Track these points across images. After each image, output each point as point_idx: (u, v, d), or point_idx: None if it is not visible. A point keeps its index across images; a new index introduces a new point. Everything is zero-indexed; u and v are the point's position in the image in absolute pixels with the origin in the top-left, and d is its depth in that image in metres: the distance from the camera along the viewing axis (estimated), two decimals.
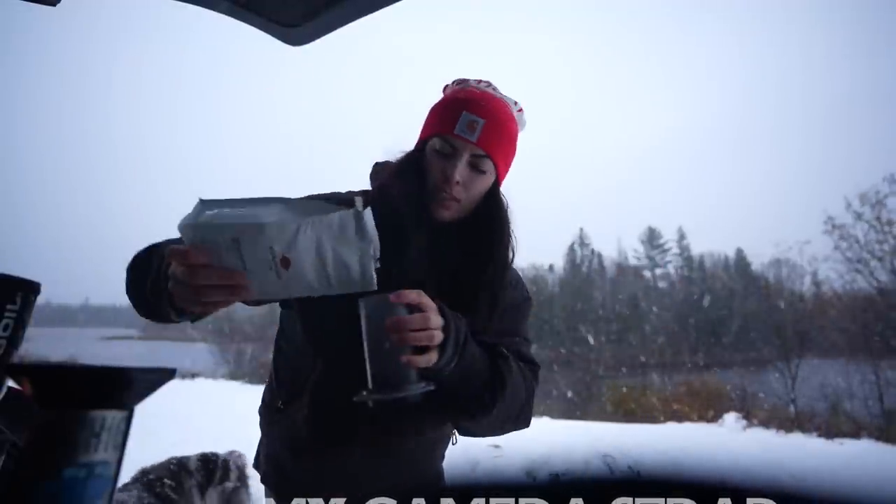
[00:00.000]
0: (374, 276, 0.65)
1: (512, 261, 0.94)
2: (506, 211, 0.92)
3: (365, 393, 0.70)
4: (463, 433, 0.94)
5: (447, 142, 0.86)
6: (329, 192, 0.95)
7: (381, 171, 0.95)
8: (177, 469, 1.67)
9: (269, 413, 0.96)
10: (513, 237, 0.93)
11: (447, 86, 0.96)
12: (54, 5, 1.00)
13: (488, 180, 0.89)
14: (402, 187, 0.87)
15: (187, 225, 0.61)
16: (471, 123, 0.85)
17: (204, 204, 0.63)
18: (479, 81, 0.93)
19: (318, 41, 1.16)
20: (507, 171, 0.93)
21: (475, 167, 0.86)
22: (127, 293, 0.80)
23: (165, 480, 1.81)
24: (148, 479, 1.74)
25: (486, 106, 0.87)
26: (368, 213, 0.63)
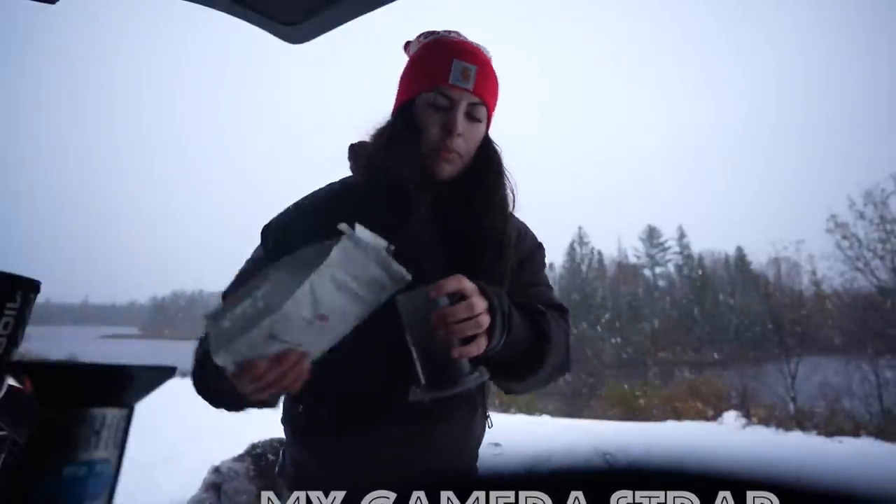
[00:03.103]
0: (401, 268, 0.64)
1: (513, 207, 0.90)
2: (500, 156, 0.88)
3: (419, 390, 0.68)
4: (508, 392, 0.92)
5: (442, 93, 0.81)
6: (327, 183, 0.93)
7: (361, 150, 0.90)
8: (278, 445, 2.06)
9: (291, 416, 0.91)
10: (510, 181, 0.89)
11: (409, 43, 0.91)
12: (53, 3, 1.00)
13: (483, 128, 0.86)
14: (397, 152, 0.82)
15: (223, 353, 0.60)
16: (464, 71, 0.81)
17: (216, 320, 0.62)
18: (450, 32, 0.89)
19: (318, 39, 1.16)
20: (492, 116, 0.89)
21: (472, 116, 0.82)
22: (199, 391, 0.80)
23: (269, 455, 2.20)
24: (256, 452, 2.08)
25: (473, 52, 0.84)
26: (358, 228, 0.62)
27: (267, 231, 0.87)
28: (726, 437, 6.44)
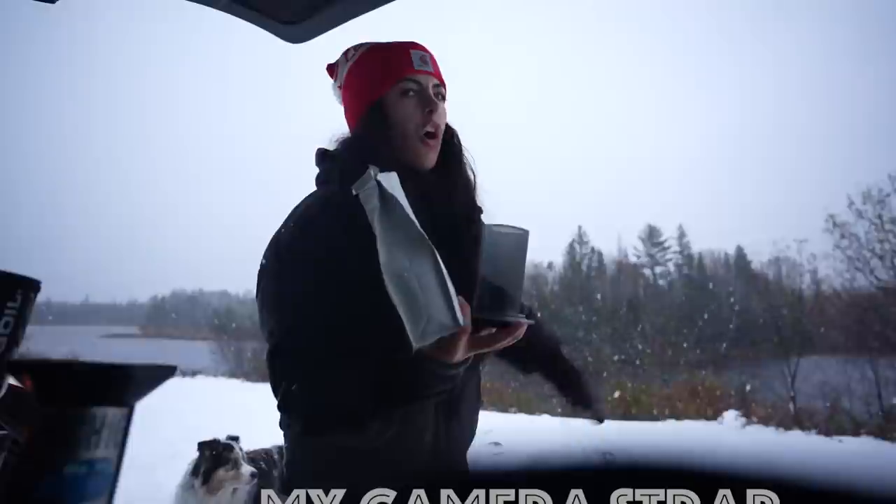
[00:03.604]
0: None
1: (475, 182, 0.96)
2: (458, 136, 0.95)
3: (482, 313, 0.74)
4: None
5: (412, 80, 0.87)
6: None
7: (330, 156, 0.93)
8: (276, 453, 2.49)
9: (305, 416, 0.83)
10: (469, 158, 0.95)
11: (335, 65, 0.96)
12: (53, 2, 1.00)
13: (447, 110, 0.92)
14: (381, 147, 0.84)
15: (452, 323, 0.64)
16: (423, 57, 0.89)
17: (427, 326, 0.64)
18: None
19: (318, 38, 1.16)
20: None
21: (439, 96, 0.90)
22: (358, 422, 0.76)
23: (261, 463, 2.50)
24: (248, 458, 2.45)
25: (420, 44, 0.91)
26: (377, 173, 0.67)
27: (281, 257, 0.82)
28: (726, 437, 6.44)
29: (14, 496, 0.29)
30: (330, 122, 0.95)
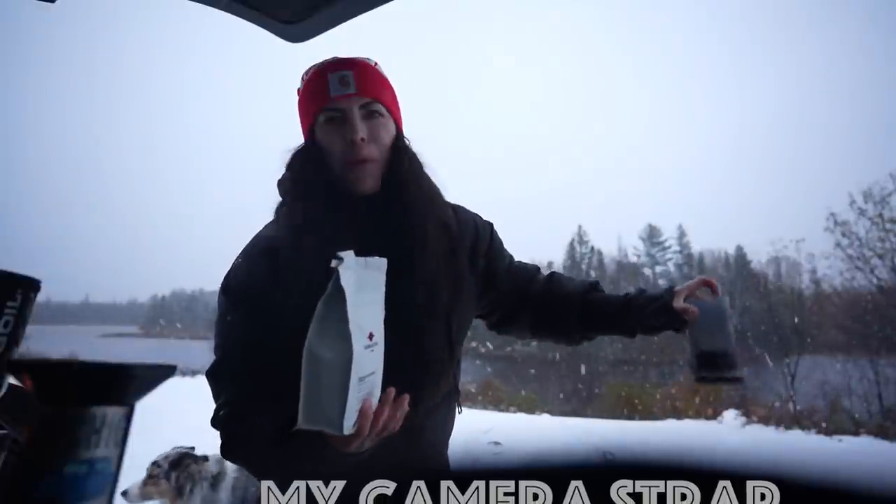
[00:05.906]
0: (376, 258, 0.71)
1: (438, 199, 0.91)
2: (413, 156, 0.88)
3: (718, 376, 0.91)
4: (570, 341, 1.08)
5: (331, 109, 0.83)
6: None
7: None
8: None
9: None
10: (428, 176, 0.90)
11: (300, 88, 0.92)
12: (53, 1, 0.99)
13: (389, 125, 0.86)
14: (313, 181, 0.83)
15: (345, 424, 0.64)
16: (342, 79, 0.83)
17: (314, 416, 0.65)
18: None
19: (318, 38, 1.15)
20: (400, 115, 0.90)
21: (369, 115, 0.84)
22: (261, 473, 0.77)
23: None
24: None
25: (346, 60, 0.86)
26: (345, 255, 0.66)
27: (227, 288, 0.84)
28: (726, 436, 6.45)
29: (14, 496, 0.29)
30: None
